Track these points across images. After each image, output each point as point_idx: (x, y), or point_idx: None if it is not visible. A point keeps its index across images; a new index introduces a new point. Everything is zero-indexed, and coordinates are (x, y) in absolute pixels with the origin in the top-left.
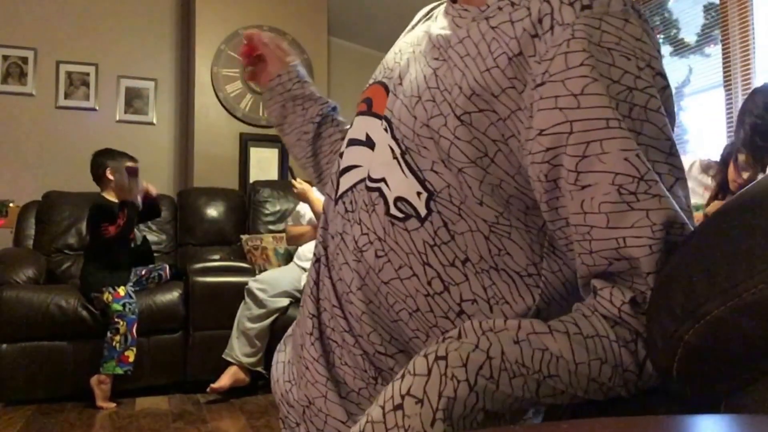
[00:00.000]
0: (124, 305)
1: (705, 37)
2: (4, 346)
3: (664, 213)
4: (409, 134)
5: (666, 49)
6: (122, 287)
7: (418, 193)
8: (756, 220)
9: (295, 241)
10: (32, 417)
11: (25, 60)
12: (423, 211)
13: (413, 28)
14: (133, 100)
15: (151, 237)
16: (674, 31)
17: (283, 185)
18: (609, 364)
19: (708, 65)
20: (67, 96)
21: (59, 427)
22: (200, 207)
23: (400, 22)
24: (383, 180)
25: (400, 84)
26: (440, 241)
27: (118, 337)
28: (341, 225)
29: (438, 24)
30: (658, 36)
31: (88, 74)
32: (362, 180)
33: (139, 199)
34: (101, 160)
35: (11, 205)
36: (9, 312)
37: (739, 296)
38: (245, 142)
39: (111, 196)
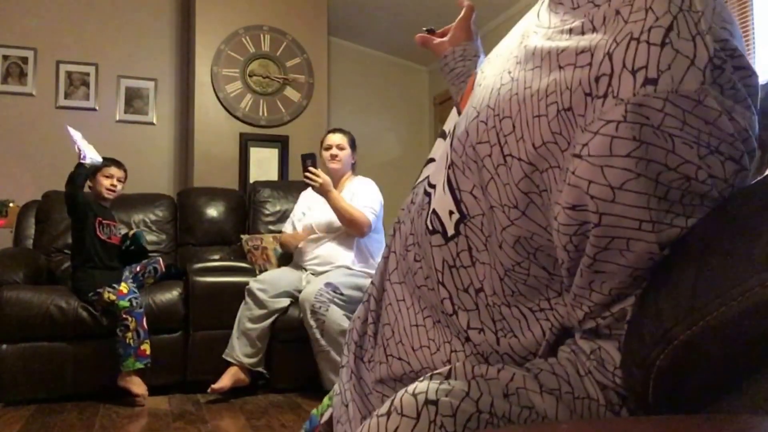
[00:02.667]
0: (130, 301)
1: None
2: (4, 346)
3: None
4: (458, 149)
5: None
6: (123, 284)
7: (450, 213)
8: (718, 244)
9: (287, 247)
10: (32, 417)
11: (25, 60)
12: (450, 231)
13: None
14: (133, 100)
15: (151, 237)
16: None
17: (283, 185)
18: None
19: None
20: (67, 96)
21: (59, 427)
22: (200, 207)
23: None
24: (435, 188)
25: (480, 85)
26: (460, 264)
27: (130, 334)
28: (405, 214)
29: (536, 14)
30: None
31: (88, 74)
32: (428, 177)
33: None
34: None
35: (11, 205)
36: (9, 312)
37: (702, 319)
38: (245, 142)
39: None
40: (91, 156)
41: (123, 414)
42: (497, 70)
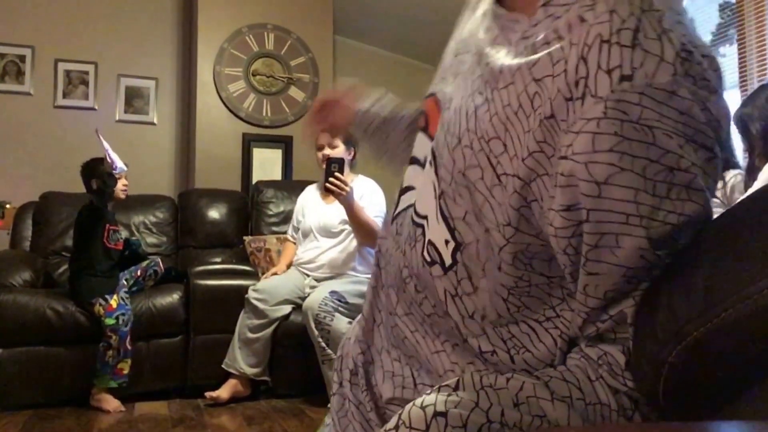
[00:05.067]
0: (117, 318)
1: (720, 37)
2: (0, 350)
3: None
4: (446, 178)
5: None
6: (114, 297)
7: (446, 242)
8: (732, 242)
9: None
10: (29, 422)
11: (22, 58)
12: (448, 260)
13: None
14: (134, 99)
15: (151, 239)
16: None
17: (287, 185)
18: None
19: (723, 65)
20: (65, 95)
21: None
22: (202, 208)
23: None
24: (426, 218)
25: (448, 108)
26: (462, 292)
27: (111, 352)
28: (392, 246)
29: (486, 30)
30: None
31: (87, 73)
32: (411, 206)
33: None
34: (88, 171)
35: (8, 206)
36: (5, 316)
37: (717, 316)
38: (248, 143)
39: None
40: (120, 167)
41: (121, 419)
42: (463, 92)
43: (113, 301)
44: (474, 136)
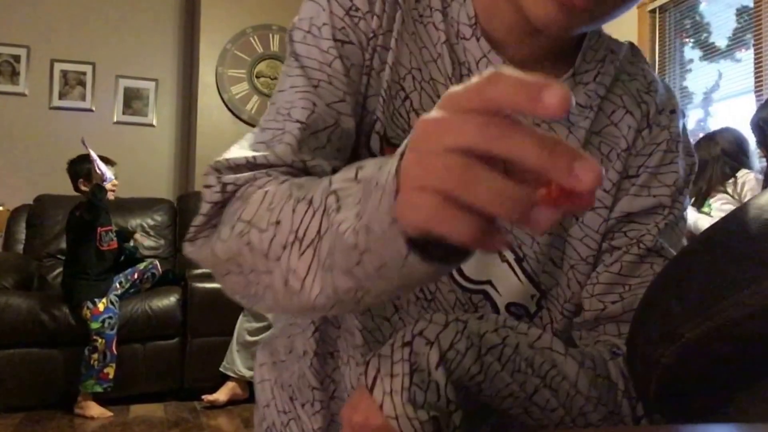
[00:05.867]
0: (103, 322)
1: (736, 41)
2: None
3: None
4: (526, 240)
5: (696, 53)
6: (103, 301)
7: (532, 296)
8: (728, 245)
9: None
10: (21, 425)
11: (17, 58)
12: (533, 309)
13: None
14: (132, 100)
15: (149, 242)
16: (705, 34)
17: None
18: (607, 407)
19: (739, 70)
20: (61, 96)
21: None
22: None
23: None
24: (489, 282)
25: None
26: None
27: (96, 355)
28: (417, 311)
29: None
30: (687, 40)
31: (84, 73)
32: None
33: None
34: (73, 170)
35: (1, 208)
36: None
37: (710, 319)
38: None
39: None
40: (109, 177)
41: (116, 422)
42: None
43: (101, 305)
44: None
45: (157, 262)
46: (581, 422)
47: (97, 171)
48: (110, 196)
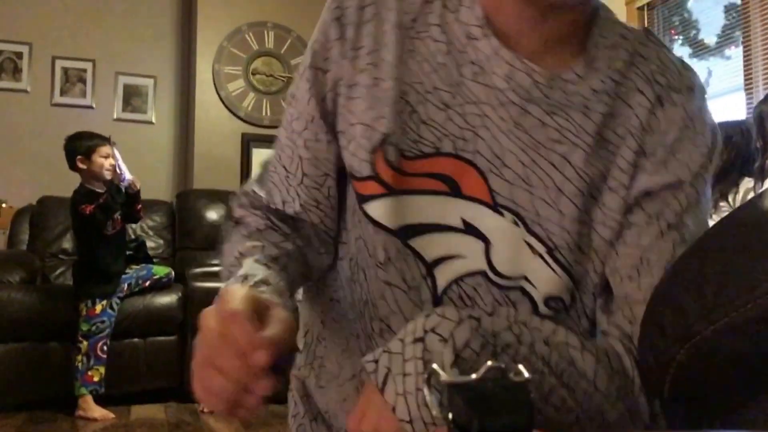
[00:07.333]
0: (93, 325)
1: (725, 39)
2: None
3: None
4: (555, 230)
5: (685, 51)
6: (102, 303)
7: (568, 288)
8: (745, 240)
9: None
10: (23, 425)
11: (19, 55)
12: (568, 301)
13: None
14: (132, 97)
15: (149, 243)
16: (693, 31)
17: None
18: (624, 403)
19: (728, 68)
20: (63, 93)
21: None
22: (200, 209)
23: None
24: (524, 278)
25: (505, 166)
26: (582, 329)
27: (80, 357)
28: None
29: (503, 75)
30: (676, 37)
31: (85, 71)
32: (473, 273)
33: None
34: (71, 146)
35: (4, 205)
36: (0, 313)
37: (727, 316)
38: (247, 143)
39: (93, 186)
40: (127, 178)
41: (117, 423)
42: (526, 159)
43: (98, 307)
44: (581, 180)
45: (173, 273)
46: (598, 421)
47: (118, 171)
48: (108, 175)
